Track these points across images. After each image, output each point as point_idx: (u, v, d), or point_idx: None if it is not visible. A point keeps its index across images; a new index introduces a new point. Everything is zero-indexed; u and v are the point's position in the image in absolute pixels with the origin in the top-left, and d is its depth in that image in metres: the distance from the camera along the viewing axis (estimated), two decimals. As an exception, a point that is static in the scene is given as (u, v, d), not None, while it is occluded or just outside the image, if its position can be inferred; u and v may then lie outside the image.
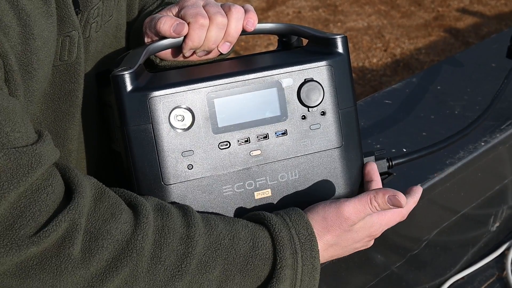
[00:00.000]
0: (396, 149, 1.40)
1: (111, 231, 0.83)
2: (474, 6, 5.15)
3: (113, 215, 0.85)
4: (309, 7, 5.22)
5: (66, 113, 0.96)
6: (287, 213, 0.94)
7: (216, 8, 1.00)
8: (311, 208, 0.96)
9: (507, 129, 1.49)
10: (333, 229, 0.94)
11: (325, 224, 0.94)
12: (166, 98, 0.93)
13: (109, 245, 0.83)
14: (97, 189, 0.86)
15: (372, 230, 0.97)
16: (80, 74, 0.95)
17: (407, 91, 1.66)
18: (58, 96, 0.94)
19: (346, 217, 0.93)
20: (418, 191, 1.01)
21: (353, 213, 0.94)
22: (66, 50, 0.92)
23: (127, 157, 0.94)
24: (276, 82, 0.97)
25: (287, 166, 0.99)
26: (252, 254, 0.90)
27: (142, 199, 0.89)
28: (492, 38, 2.01)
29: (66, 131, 0.97)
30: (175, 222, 0.88)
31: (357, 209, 0.94)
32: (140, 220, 0.85)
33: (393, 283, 1.34)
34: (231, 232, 0.90)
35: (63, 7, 0.90)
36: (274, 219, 0.92)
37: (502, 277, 1.52)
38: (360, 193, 0.96)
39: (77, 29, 0.92)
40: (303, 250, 0.91)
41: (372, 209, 0.94)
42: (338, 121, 1.00)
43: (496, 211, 1.56)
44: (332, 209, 0.94)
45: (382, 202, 0.93)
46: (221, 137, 0.95)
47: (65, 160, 0.98)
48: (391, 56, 4.46)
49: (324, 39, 1.02)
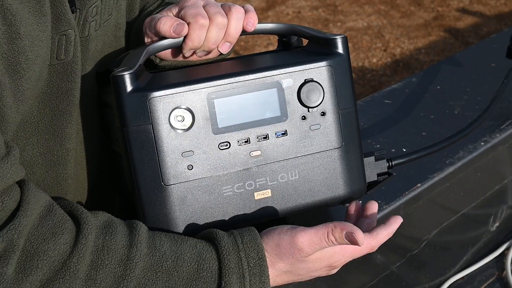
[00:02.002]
0: (396, 149, 1.40)
1: (48, 251, 0.82)
2: (474, 6, 5.14)
3: (54, 234, 0.83)
4: (309, 7, 5.22)
5: (63, 112, 0.95)
6: (241, 233, 0.91)
7: (216, 8, 1.00)
8: (267, 231, 0.94)
9: (507, 129, 1.49)
10: (286, 257, 0.91)
11: (278, 251, 0.91)
12: (166, 98, 0.93)
13: (44, 266, 0.82)
14: (45, 206, 0.85)
15: (332, 260, 0.94)
16: (77, 73, 0.95)
17: (407, 91, 1.66)
18: (55, 95, 0.94)
19: (299, 248, 0.91)
20: (396, 222, 0.97)
21: (307, 244, 0.91)
22: (63, 49, 0.92)
23: (127, 158, 0.94)
24: (276, 82, 0.97)
25: (287, 167, 0.99)
26: (196, 277, 0.88)
27: (89, 216, 0.87)
28: (492, 38, 2.01)
29: (64, 130, 0.96)
30: (117, 242, 0.86)
31: (312, 241, 0.91)
32: (79, 240, 0.84)
33: (393, 283, 1.34)
34: (176, 253, 0.88)
35: (59, 5, 0.90)
36: (224, 240, 0.90)
37: (502, 277, 1.52)
38: (320, 224, 0.92)
39: (73, 27, 0.92)
40: (251, 275, 0.89)
41: (329, 243, 0.91)
42: (338, 122, 1.00)
43: (496, 211, 1.56)
44: (286, 237, 0.91)
45: (339, 238, 0.90)
46: (221, 137, 0.96)
47: (63, 159, 0.98)
48: (391, 56, 4.46)
49: (324, 40, 1.02)
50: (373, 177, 1.10)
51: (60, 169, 0.98)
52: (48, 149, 0.96)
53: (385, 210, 1.23)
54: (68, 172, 0.99)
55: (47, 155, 0.96)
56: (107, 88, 0.97)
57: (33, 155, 0.95)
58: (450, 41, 4.62)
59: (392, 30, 4.81)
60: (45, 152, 0.96)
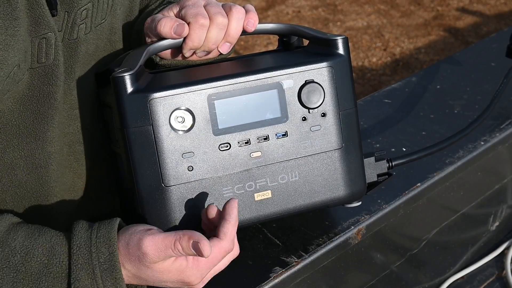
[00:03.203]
0: (396, 148, 1.40)
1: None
2: (473, 6, 5.14)
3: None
4: (308, 7, 5.21)
5: (45, 115, 0.95)
6: (99, 226, 0.88)
7: (216, 8, 1.00)
8: (126, 228, 0.90)
9: (507, 128, 1.49)
10: (132, 259, 0.87)
11: (126, 251, 0.87)
12: (166, 99, 0.93)
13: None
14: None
15: (183, 276, 0.89)
16: (59, 76, 0.94)
17: (407, 90, 1.66)
18: (36, 97, 0.94)
19: (144, 252, 0.86)
20: (231, 207, 0.89)
21: (152, 250, 0.86)
22: (43, 52, 0.92)
23: (127, 159, 0.94)
24: (277, 83, 0.97)
25: (288, 168, 0.99)
26: (46, 272, 0.86)
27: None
28: (492, 38, 2.01)
29: (46, 133, 0.96)
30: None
31: (158, 247, 0.86)
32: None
33: (392, 282, 1.34)
34: (27, 248, 0.86)
35: (37, 9, 0.89)
36: (80, 234, 0.87)
37: (502, 276, 1.52)
38: (172, 232, 0.87)
39: (53, 30, 0.92)
40: (102, 271, 0.86)
41: (175, 251, 0.86)
42: (339, 123, 1.00)
43: (495, 211, 1.56)
44: (135, 238, 0.87)
45: (186, 247, 0.85)
46: (221, 138, 0.96)
47: (45, 162, 0.97)
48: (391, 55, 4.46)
49: (325, 40, 1.02)
50: (373, 178, 1.10)
51: (42, 171, 0.98)
52: (29, 152, 0.96)
53: (385, 209, 1.23)
54: (50, 175, 0.99)
55: (28, 158, 0.96)
56: (107, 88, 0.97)
57: (13, 158, 0.95)
58: (450, 41, 4.62)
59: (392, 29, 4.81)
60: (27, 155, 0.96)
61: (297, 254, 1.11)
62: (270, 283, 1.06)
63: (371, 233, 1.21)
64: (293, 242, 1.14)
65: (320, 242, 1.14)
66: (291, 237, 1.15)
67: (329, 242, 1.14)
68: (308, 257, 1.11)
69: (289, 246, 1.13)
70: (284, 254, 1.11)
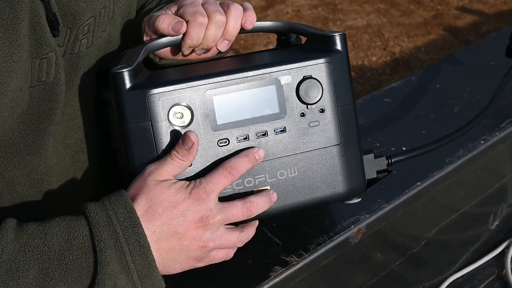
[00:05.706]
0: (396, 148, 1.40)
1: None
2: (473, 5, 5.15)
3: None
4: (308, 6, 5.22)
5: (45, 132, 0.95)
6: (108, 196, 0.90)
7: (215, 6, 1.00)
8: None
9: (507, 127, 1.49)
10: (141, 191, 0.90)
11: (147, 199, 0.90)
12: (165, 95, 0.93)
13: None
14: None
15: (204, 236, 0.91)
16: (59, 93, 0.94)
17: (407, 89, 1.66)
18: (36, 115, 0.94)
19: (147, 173, 0.90)
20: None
21: (152, 166, 0.91)
22: (44, 71, 0.92)
23: (126, 155, 0.94)
24: (275, 79, 0.97)
25: (286, 164, 0.98)
26: (68, 246, 0.87)
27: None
28: (492, 37, 2.01)
29: (46, 149, 0.96)
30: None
31: (158, 165, 0.91)
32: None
33: (392, 281, 1.34)
34: (43, 230, 0.87)
35: (39, 31, 0.90)
36: (91, 205, 0.89)
37: (502, 275, 1.51)
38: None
39: (54, 50, 0.92)
40: (123, 229, 0.87)
41: (172, 156, 0.91)
42: (337, 118, 1.00)
43: (495, 210, 1.55)
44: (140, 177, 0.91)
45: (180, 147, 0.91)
46: (220, 134, 0.95)
47: (46, 175, 0.98)
48: (391, 54, 4.47)
49: (323, 37, 1.02)
50: (372, 174, 1.10)
51: (43, 185, 0.98)
52: (31, 168, 0.96)
53: (385, 208, 1.23)
54: (51, 186, 0.99)
55: (29, 174, 0.96)
56: (106, 86, 0.97)
57: (14, 176, 0.95)
58: (449, 40, 4.62)
59: (391, 28, 4.81)
60: (28, 172, 0.96)
61: (297, 253, 1.11)
62: (270, 283, 1.06)
63: (371, 232, 1.21)
64: (293, 241, 1.14)
65: (320, 241, 1.14)
66: (291, 236, 1.15)
67: (329, 241, 1.14)
68: (308, 256, 1.11)
69: (289, 245, 1.13)
70: (284, 253, 1.11)
